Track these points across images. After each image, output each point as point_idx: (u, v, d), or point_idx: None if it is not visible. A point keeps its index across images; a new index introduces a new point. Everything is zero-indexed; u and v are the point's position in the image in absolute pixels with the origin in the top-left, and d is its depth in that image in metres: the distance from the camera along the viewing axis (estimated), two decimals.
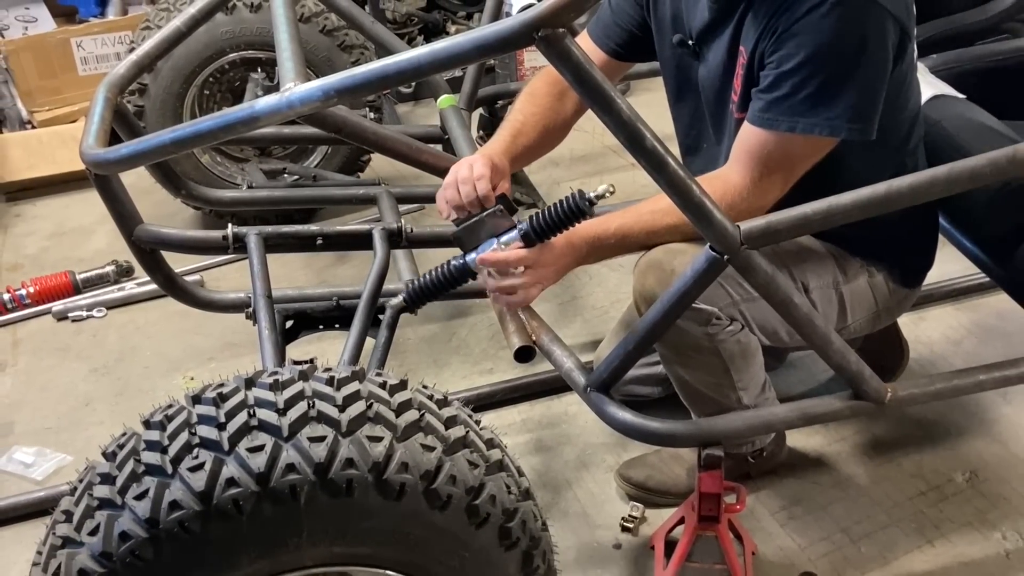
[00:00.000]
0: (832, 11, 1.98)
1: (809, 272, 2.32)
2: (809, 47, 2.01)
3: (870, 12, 2.00)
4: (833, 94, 2.03)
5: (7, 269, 3.91)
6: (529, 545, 1.76)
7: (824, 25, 1.99)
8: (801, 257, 2.31)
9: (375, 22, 3.34)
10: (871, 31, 2.01)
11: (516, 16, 1.59)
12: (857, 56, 2.02)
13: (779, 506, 2.73)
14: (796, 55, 2.02)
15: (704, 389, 2.38)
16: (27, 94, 4.53)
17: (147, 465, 1.58)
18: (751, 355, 2.35)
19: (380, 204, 2.92)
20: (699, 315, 2.22)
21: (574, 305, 3.54)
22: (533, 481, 2.31)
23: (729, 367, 2.33)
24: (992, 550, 2.58)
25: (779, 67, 2.06)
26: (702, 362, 2.32)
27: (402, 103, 4.94)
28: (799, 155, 2.09)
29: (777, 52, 2.06)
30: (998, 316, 3.35)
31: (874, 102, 2.07)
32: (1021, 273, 2.42)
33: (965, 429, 2.94)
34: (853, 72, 2.03)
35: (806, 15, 2.00)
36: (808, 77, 2.02)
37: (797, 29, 2.02)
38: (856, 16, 1.99)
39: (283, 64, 1.95)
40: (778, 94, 2.07)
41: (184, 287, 2.64)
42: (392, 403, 1.68)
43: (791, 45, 2.03)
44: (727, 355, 2.30)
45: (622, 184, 2.26)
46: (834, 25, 1.99)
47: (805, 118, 2.05)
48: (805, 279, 2.31)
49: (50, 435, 3.10)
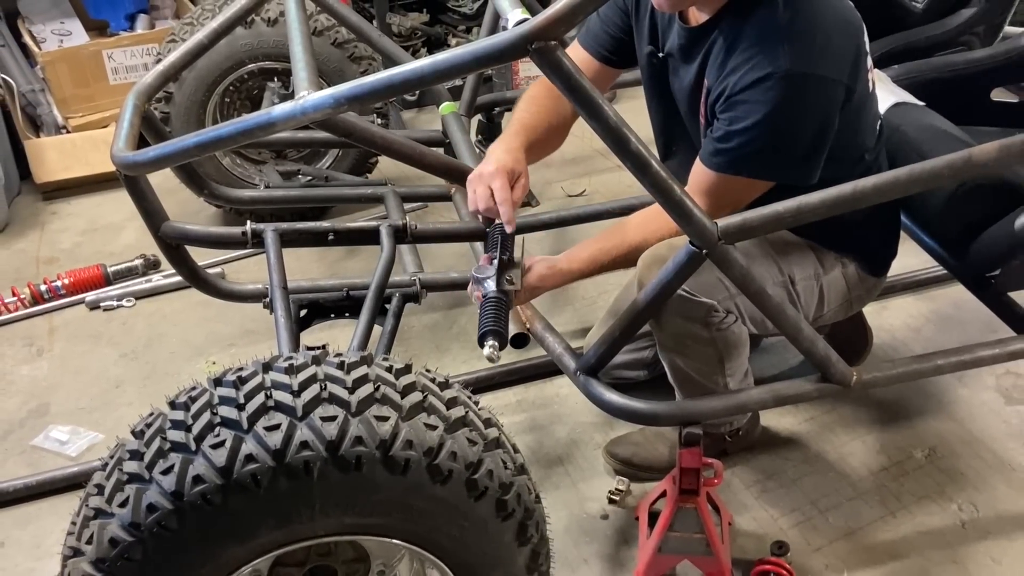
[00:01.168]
0: (777, 85, 1.97)
1: (795, 265, 2.32)
2: (756, 115, 2.01)
3: (812, 84, 2.00)
4: (777, 152, 2.04)
5: (44, 262, 3.90)
6: (524, 516, 1.77)
7: (769, 97, 1.98)
8: (787, 252, 2.32)
9: (382, 35, 3.34)
10: (813, 100, 2.02)
11: (511, 30, 1.59)
12: (800, 123, 2.03)
13: (753, 480, 2.73)
14: (744, 119, 2.02)
15: (695, 375, 2.38)
16: (62, 101, 4.52)
17: (172, 442, 1.58)
18: (742, 345, 2.36)
19: (387, 203, 2.92)
20: (700, 308, 2.22)
21: (565, 296, 3.53)
22: (527, 457, 2.32)
23: (724, 356, 2.33)
24: (949, 520, 2.59)
25: (729, 125, 2.06)
26: (699, 351, 2.32)
27: (407, 110, 4.93)
28: (744, 192, 2.10)
29: (727, 112, 2.06)
30: (954, 306, 3.35)
31: (817, 152, 2.08)
32: (975, 266, 2.43)
33: (924, 409, 2.95)
34: (796, 135, 2.04)
35: (753, 85, 2.00)
36: (754, 139, 2.02)
37: (745, 97, 2.02)
38: (799, 89, 1.99)
39: (297, 74, 1.94)
40: (727, 146, 2.07)
41: (206, 279, 2.64)
42: (398, 385, 1.69)
43: (740, 110, 2.03)
44: (723, 345, 2.31)
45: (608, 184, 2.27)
46: (779, 98, 1.98)
47: (749, 167, 2.06)
48: (792, 272, 2.32)
49: (83, 415, 3.10)
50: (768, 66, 1.97)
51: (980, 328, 3.14)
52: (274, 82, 3.61)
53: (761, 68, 1.98)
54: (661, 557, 2.37)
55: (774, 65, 1.97)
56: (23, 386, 3.24)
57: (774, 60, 1.97)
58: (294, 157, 3.90)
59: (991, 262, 2.36)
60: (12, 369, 3.32)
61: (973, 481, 2.70)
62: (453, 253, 3.67)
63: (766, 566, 2.39)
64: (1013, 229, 2.24)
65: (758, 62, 1.99)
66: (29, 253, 3.98)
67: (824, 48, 2.00)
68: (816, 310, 2.40)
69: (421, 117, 4.92)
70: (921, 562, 2.48)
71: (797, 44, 1.98)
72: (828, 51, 2.01)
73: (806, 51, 1.98)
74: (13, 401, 3.17)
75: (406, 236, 2.48)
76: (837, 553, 2.51)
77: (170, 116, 3.59)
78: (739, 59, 2.04)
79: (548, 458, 2.84)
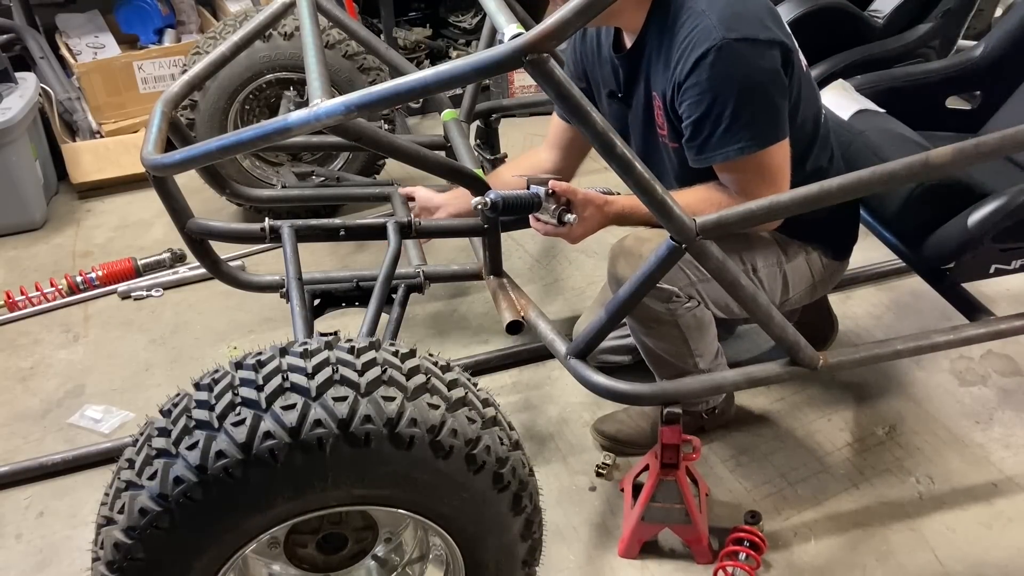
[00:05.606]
0: (717, 57, 1.97)
1: (757, 255, 2.32)
2: (708, 93, 2.00)
3: (748, 47, 1.99)
4: (745, 119, 2.02)
5: (80, 256, 3.89)
6: (518, 488, 1.77)
7: (713, 71, 1.98)
8: (750, 243, 2.32)
9: (389, 48, 3.33)
10: (754, 61, 2.00)
11: (507, 44, 1.58)
12: (750, 86, 2.01)
13: (729, 455, 2.73)
14: (701, 103, 2.02)
15: (666, 356, 2.38)
16: (96, 109, 4.51)
17: (197, 420, 1.58)
18: (705, 327, 2.36)
19: (393, 201, 2.92)
20: (662, 293, 2.23)
21: (556, 286, 3.53)
22: (521, 434, 2.32)
23: (688, 337, 2.33)
24: (908, 492, 2.59)
25: (691, 116, 2.06)
26: (664, 332, 2.33)
27: (412, 116, 4.92)
28: (754, 171, 2.08)
29: (684, 103, 2.06)
30: (912, 295, 3.35)
31: (779, 110, 2.07)
32: (931, 259, 2.43)
33: (885, 390, 2.95)
34: (752, 97, 2.02)
35: (695, 67, 2.00)
36: (718, 116, 2.02)
37: (693, 80, 2.01)
38: (737, 56, 1.98)
39: (312, 83, 1.94)
40: (700, 139, 2.07)
41: (228, 271, 2.63)
42: (403, 368, 1.68)
43: (692, 95, 2.03)
44: (684, 326, 2.31)
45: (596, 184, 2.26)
46: (721, 69, 1.98)
47: (732, 145, 2.04)
48: (753, 261, 2.32)
49: (116, 395, 3.10)
50: (704, 43, 1.98)
51: (936, 316, 3.15)
52: (290, 91, 3.60)
53: (698, 47, 1.99)
54: (644, 525, 2.37)
55: (709, 40, 1.97)
56: (61, 369, 3.23)
57: (707, 36, 1.98)
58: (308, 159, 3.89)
59: (946, 256, 2.36)
60: (51, 354, 3.31)
61: (930, 456, 2.70)
62: (454, 247, 3.67)
63: (740, 534, 2.39)
64: (966, 226, 2.25)
65: (694, 44, 2.00)
66: (66, 247, 3.97)
67: (742, 14, 2.00)
68: (782, 295, 2.40)
69: (425, 123, 4.91)
70: (882, 530, 2.48)
71: (721, 17, 1.98)
72: (748, 16, 2.01)
73: (731, 21, 1.98)
74: (52, 383, 3.16)
75: (411, 232, 2.48)
76: (805, 522, 2.52)
77: (195, 122, 3.58)
78: (676, 52, 2.04)
79: (541, 435, 2.84)
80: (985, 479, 2.62)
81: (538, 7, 4.56)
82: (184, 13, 5.06)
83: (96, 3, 4.99)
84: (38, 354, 3.31)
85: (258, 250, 3.76)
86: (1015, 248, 2.32)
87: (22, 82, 4.12)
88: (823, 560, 2.41)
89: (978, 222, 2.23)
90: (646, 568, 2.41)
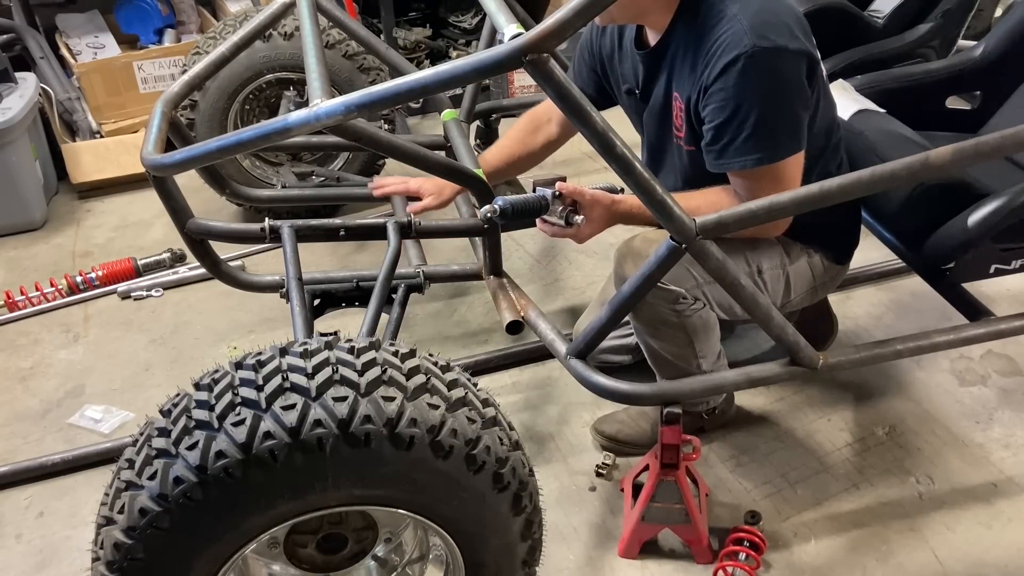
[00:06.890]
0: (746, 65, 1.97)
1: (762, 257, 2.32)
2: (733, 100, 2.00)
3: (777, 57, 1.99)
4: (767, 129, 2.02)
5: (79, 256, 3.89)
6: (518, 488, 1.76)
7: (741, 79, 1.98)
8: (756, 245, 2.32)
9: (389, 48, 3.32)
10: (782, 72, 2.01)
11: (507, 44, 1.58)
12: (775, 96, 2.01)
13: (729, 455, 2.73)
14: (725, 108, 2.02)
15: (670, 357, 2.38)
16: (96, 109, 4.50)
17: (197, 420, 1.58)
18: (710, 329, 2.36)
19: (393, 201, 2.91)
20: (669, 295, 2.23)
21: (556, 286, 3.53)
22: (521, 434, 2.32)
23: (693, 339, 2.33)
24: (908, 492, 2.59)
25: (713, 121, 2.06)
26: (670, 334, 2.33)
27: (412, 116, 4.92)
28: (768, 180, 2.07)
29: (708, 107, 2.06)
30: (912, 295, 3.35)
31: (801, 122, 2.07)
32: (931, 259, 2.43)
33: (885, 390, 2.95)
34: (776, 108, 2.02)
35: (723, 73, 2.00)
36: (741, 124, 2.02)
37: (720, 85, 2.01)
38: (766, 64, 1.98)
39: (311, 83, 1.93)
40: (720, 145, 2.07)
41: (228, 271, 2.63)
42: (403, 368, 1.68)
43: (717, 99, 2.03)
44: (691, 328, 2.31)
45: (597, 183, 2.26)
46: (750, 77, 1.98)
47: (751, 155, 2.04)
48: (759, 263, 2.32)
49: (116, 395, 3.09)
50: (734, 48, 1.97)
51: (936, 316, 3.15)
52: (290, 91, 3.60)
53: (728, 53, 1.98)
54: (644, 526, 2.37)
55: (739, 47, 1.97)
56: (61, 369, 3.23)
57: (737, 43, 1.97)
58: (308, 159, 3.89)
59: (946, 256, 2.36)
60: (51, 354, 3.31)
61: (929, 456, 2.70)
62: (453, 248, 3.67)
63: (740, 534, 2.39)
64: (966, 225, 2.25)
65: (724, 49, 1.99)
66: (66, 247, 3.97)
67: (773, 23, 2.00)
68: (783, 296, 2.40)
69: (424, 123, 4.91)
70: (882, 530, 2.48)
71: (752, 24, 1.98)
72: (778, 24, 2.01)
73: (762, 28, 1.98)
74: (52, 383, 3.16)
75: (411, 232, 2.48)
76: (805, 522, 2.51)
77: (195, 122, 3.57)
78: (704, 55, 2.04)
79: (541, 435, 2.84)
80: (985, 479, 2.62)
81: (538, 7, 4.58)
82: (184, 13, 5.06)
83: (96, 3, 4.99)
84: (38, 354, 3.31)
85: (258, 250, 3.76)
86: (1015, 248, 2.32)
87: (22, 82, 4.12)
88: (823, 560, 2.41)
89: (978, 222, 2.23)
90: (646, 568, 2.41)
